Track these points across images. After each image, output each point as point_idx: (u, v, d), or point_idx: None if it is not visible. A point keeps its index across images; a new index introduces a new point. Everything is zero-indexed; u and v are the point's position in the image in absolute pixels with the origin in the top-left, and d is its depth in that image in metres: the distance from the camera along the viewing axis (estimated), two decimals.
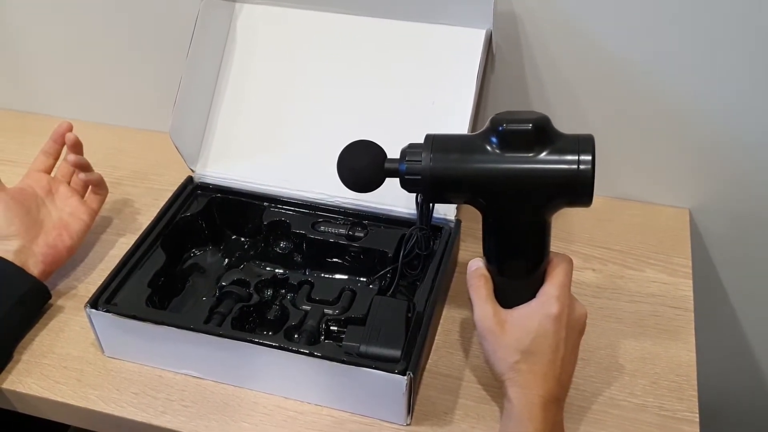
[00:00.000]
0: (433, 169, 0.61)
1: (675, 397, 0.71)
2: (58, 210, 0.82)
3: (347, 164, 0.66)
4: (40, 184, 0.83)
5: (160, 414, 0.70)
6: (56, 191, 0.83)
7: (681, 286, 0.83)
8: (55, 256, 0.79)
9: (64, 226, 0.81)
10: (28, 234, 0.78)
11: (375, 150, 0.65)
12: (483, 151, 0.60)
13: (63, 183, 0.84)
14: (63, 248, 0.80)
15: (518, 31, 0.85)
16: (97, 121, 1.10)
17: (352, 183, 0.66)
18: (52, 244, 0.79)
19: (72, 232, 0.81)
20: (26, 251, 0.77)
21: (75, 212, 0.82)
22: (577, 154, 0.58)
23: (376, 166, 0.64)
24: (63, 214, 0.82)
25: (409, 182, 0.62)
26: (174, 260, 0.81)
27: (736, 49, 0.80)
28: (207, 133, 0.88)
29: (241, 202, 0.85)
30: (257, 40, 0.88)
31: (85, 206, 0.84)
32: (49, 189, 0.83)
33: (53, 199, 0.83)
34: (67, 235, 0.81)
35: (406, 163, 0.62)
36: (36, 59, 1.08)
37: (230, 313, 0.74)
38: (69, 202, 0.83)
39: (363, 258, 0.80)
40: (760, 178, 0.88)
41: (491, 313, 0.63)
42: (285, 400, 0.71)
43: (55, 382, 0.73)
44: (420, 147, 0.62)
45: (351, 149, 0.66)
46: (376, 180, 0.65)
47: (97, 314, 0.72)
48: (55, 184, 0.84)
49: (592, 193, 0.59)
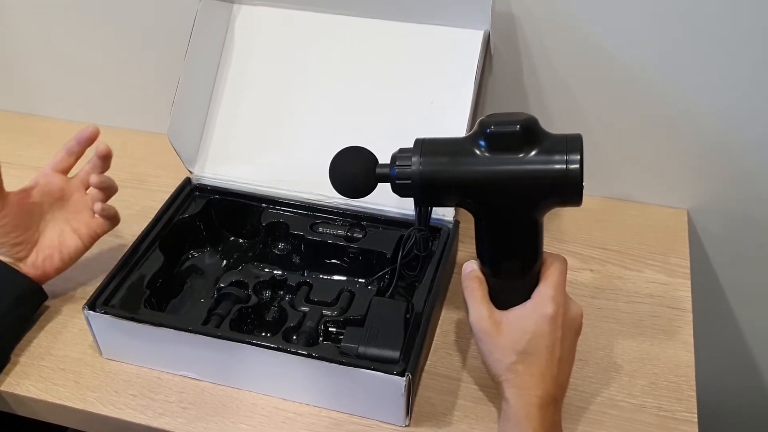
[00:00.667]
0: (423, 173, 0.61)
1: (674, 398, 0.71)
2: (62, 223, 0.78)
3: (339, 171, 0.66)
4: (53, 187, 0.77)
5: (159, 416, 0.70)
6: (68, 198, 0.78)
7: (679, 286, 0.83)
8: (40, 278, 0.77)
9: (59, 246, 0.77)
10: (14, 249, 0.75)
11: (366, 156, 0.65)
12: (472, 153, 0.60)
13: (79, 191, 0.79)
14: (51, 269, 0.77)
15: (516, 32, 0.85)
16: (93, 122, 1.08)
17: (345, 189, 0.66)
18: (39, 266, 0.76)
19: (65, 254, 0.77)
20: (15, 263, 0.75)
21: (78, 230, 0.78)
22: (566, 153, 0.58)
23: (367, 171, 0.64)
24: (66, 227, 0.78)
25: (400, 187, 0.62)
26: (172, 262, 0.81)
27: (734, 51, 0.80)
28: (205, 134, 0.88)
29: (240, 203, 0.85)
30: (255, 41, 0.88)
31: (90, 228, 0.78)
32: (62, 195, 0.78)
33: (62, 206, 0.78)
34: (58, 257, 0.77)
35: (396, 167, 0.62)
36: (32, 60, 1.08)
37: (229, 315, 0.74)
38: (77, 216, 0.78)
39: (361, 259, 0.80)
40: (758, 178, 0.88)
41: (486, 314, 0.63)
42: (283, 402, 0.71)
43: (53, 384, 0.73)
44: (410, 151, 0.62)
45: (342, 156, 0.66)
46: (368, 186, 0.65)
47: (95, 316, 0.71)
48: (69, 190, 0.78)
49: (582, 193, 0.59)
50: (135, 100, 1.07)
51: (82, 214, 0.79)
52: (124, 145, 1.05)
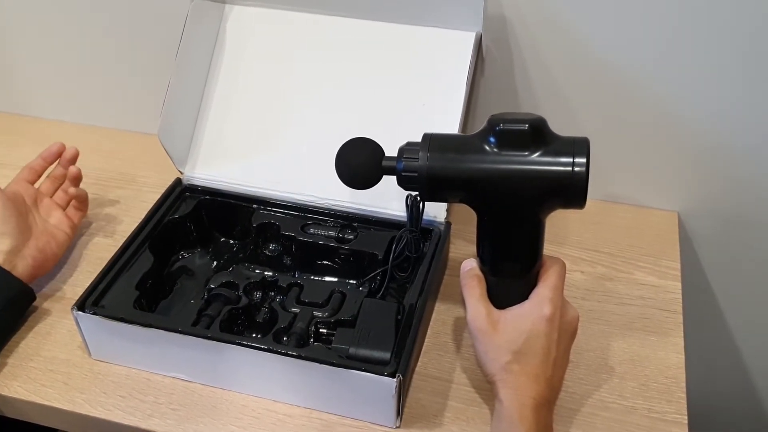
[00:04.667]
0: (430, 167, 0.61)
1: (664, 400, 0.71)
2: (43, 220, 0.83)
3: (345, 160, 0.67)
4: (27, 193, 0.83)
5: (148, 417, 0.70)
6: (41, 202, 0.84)
7: (670, 288, 0.83)
8: (43, 261, 0.79)
9: (51, 235, 0.82)
10: (22, 235, 0.78)
11: (373, 147, 0.66)
12: (479, 150, 0.61)
13: (47, 196, 0.85)
14: (51, 254, 0.81)
15: (508, 34, 0.85)
16: (84, 122, 1.10)
17: (349, 179, 0.67)
18: (41, 248, 0.79)
19: (58, 241, 0.82)
20: (17, 252, 0.77)
21: (58, 224, 0.83)
22: (572, 156, 0.59)
23: (373, 162, 0.65)
24: (48, 225, 0.83)
25: (406, 179, 0.63)
26: (162, 262, 0.80)
27: (725, 54, 0.80)
28: (196, 134, 0.88)
29: (230, 204, 0.85)
30: (247, 41, 0.88)
31: (68, 219, 0.85)
32: (35, 199, 0.84)
33: (38, 209, 0.83)
34: (55, 243, 0.82)
35: (404, 160, 0.62)
36: (23, 60, 1.07)
37: (219, 316, 0.74)
38: (53, 214, 0.84)
39: (353, 260, 0.80)
40: (749, 181, 0.88)
41: (484, 313, 0.63)
42: (274, 403, 0.71)
43: (41, 386, 0.73)
44: (417, 145, 0.63)
45: (349, 145, 0.67)
46: (373, 177, 0.66)
47: (85, 317, 0.71)
48: (39, 196, 0.85)
49: (586, 196, 0.60)
50: (126, 100, 1.06)
51: (57, 211, 0.85)
52: (114, 145, 1.06)
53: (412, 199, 0.76)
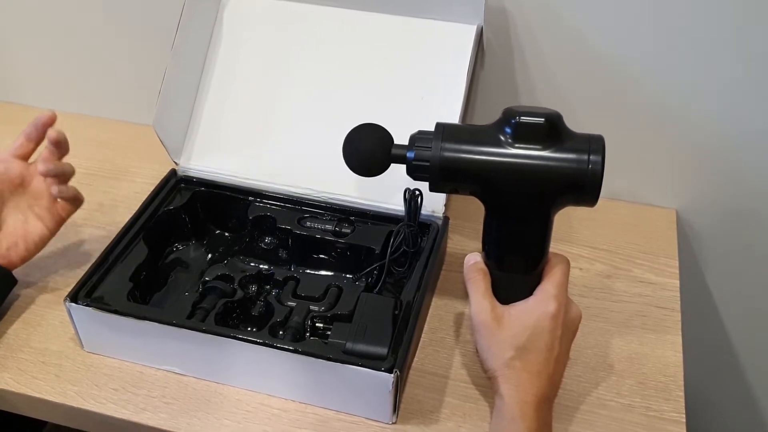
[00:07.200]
0: (443, 156, 0.60)
1: (662, 398, 0.71)
2: (24, 209, 0.76)
3: (354, 145, 0.66)
4: (12, 174, 0.75)
5: (141, 411, 0.69)
6: (29, 184, 0.76)
7: (668, 286, 0.83)
8: (6, 267, 0.75)
9: (23, 235, 0.75)
10: None
11: (382, 133, 0.65)
12: (494, 142, 0.60)
13: (39, 176, 0.75)
14: (17, 258, 0.75)
15: (509, 27, 0.84)
16: (78, 112, 1.09)
17: (357, 165, 0.66)
18: (5, 255, 0.74)
19: (30, 241, 0.75)
20: None
21: (41, 216, 0.76)
22: (588, 153, 0.59)
23: (382, 149, 0.64)
24: (29, 214, 0.76)
25: (415, 168, 0.62)
26: (156, 254, 0.80)
27: (724, 51, 0.80)
28: (191, 125, 0.87)
29: (226, 196, 0.84)
30: (244, 32, 0.87)
31: (54, 212, 0.76)
32: (22, 181, 0.75)
33: (23, 193, 0.76)
34: (23, 245, 0.75)
35: (415, 149, 0.62)
36: (14, 48, 1.06)
37: (214, 309, 0.73)
38: (39, 202, 0.76)
39: (350, 254, 0.79)
40: (747, 178, 0.88)
41: (489, 307, 0.63)
42: (269, 398, 0.70)
43: (32, 378, 0.72)
44: (430, 134, 0.62)
45: (359, 131, 0.66)
46: (381, 164, 0.65)
47: (77, 308, 0.70)
48: (29, 176, 0.76)
49: (599, 194, 0.59)
50: (120, 89, 1.05)
51: (44, 199, 0.76)
52: (109, 135, 1.05)
53: (410, 193, 0.75)
